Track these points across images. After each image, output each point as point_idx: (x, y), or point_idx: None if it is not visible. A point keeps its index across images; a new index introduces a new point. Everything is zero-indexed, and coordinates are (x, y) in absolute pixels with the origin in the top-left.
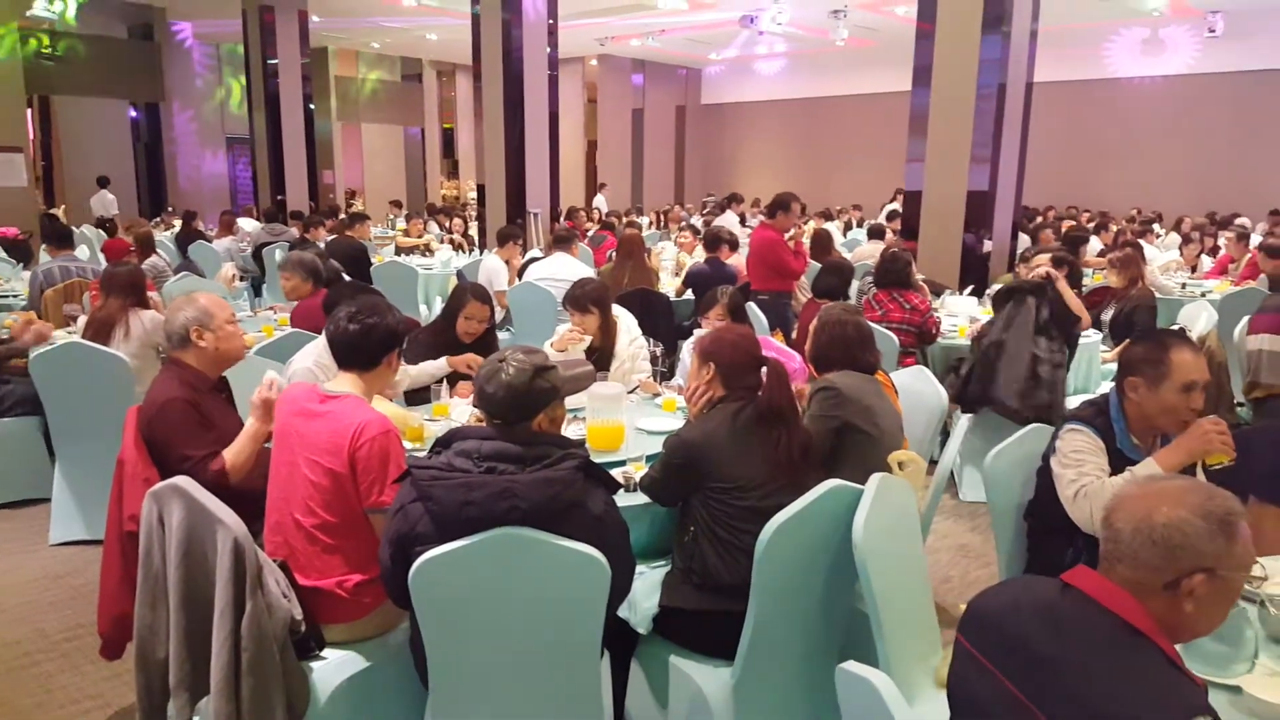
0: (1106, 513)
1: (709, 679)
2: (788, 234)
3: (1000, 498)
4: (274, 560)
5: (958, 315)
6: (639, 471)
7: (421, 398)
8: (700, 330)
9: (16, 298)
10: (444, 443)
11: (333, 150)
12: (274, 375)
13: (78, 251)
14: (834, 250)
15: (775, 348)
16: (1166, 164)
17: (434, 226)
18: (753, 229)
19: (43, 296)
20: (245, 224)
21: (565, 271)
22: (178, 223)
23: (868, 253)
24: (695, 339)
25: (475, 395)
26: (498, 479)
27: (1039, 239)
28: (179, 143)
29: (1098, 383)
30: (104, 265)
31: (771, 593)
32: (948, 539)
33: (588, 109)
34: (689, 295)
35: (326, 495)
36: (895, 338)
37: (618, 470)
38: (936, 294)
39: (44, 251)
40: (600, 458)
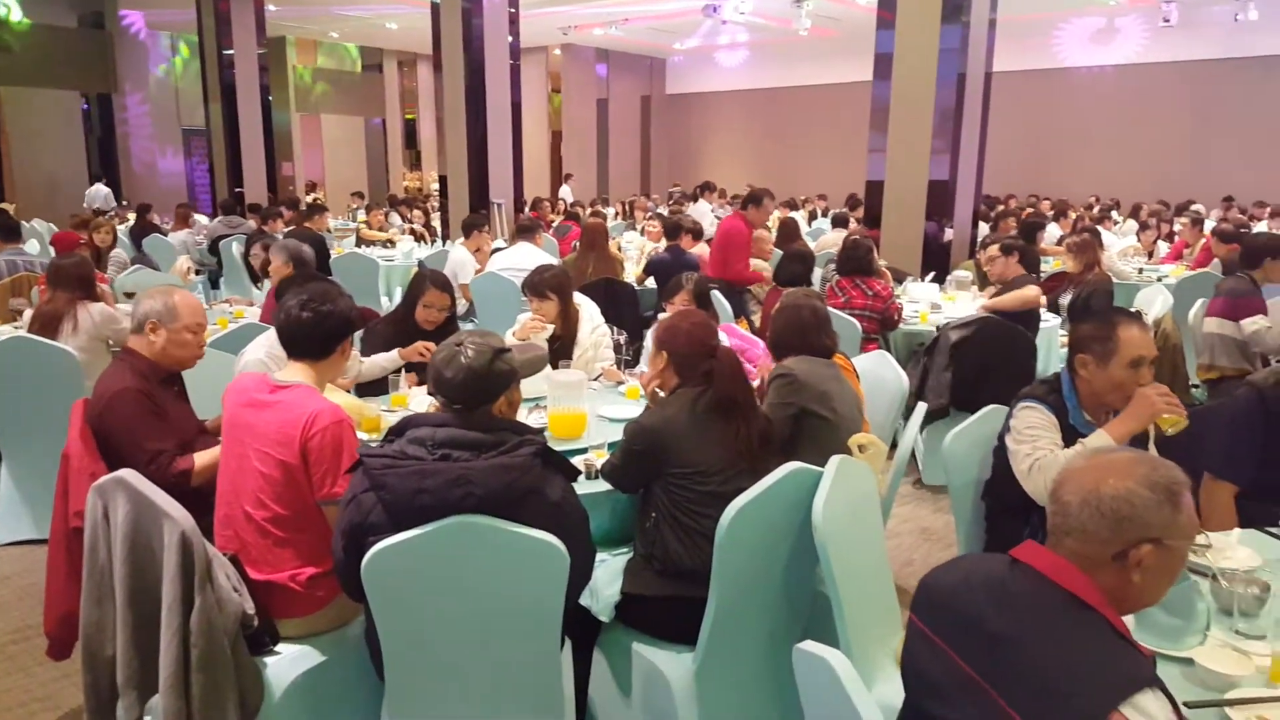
0: (1054, 487)
1: (672, 665)
2: (756, 233)
3: (959, 478)
4: (224, 554)
5: (919, 301)
6: (601, 459)
7: (378, 389)
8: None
9: None
10: (397, 431)
11: (292, 142)
12: None
13: (27, 246)
14: (800, 239)
15: (740, 335)
16: (1123, 152)
17: (395, 218)
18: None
19: None
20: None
21: (528, 261)
22: (132, 216)
23: (831, 241)
24: (655, 326)
25: (432, 382)
26: (452, 466)
27: (1000, 227)
28: (133, 135)
29: (1057, 365)
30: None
31: (733, 577)
32: (910, 522)
33: (552, 99)
34: (652, 284)
35: (277, 487)
36: (858, 324)
37: (579, 458)
38: (899, 281)
39: None
40: (562, 446)
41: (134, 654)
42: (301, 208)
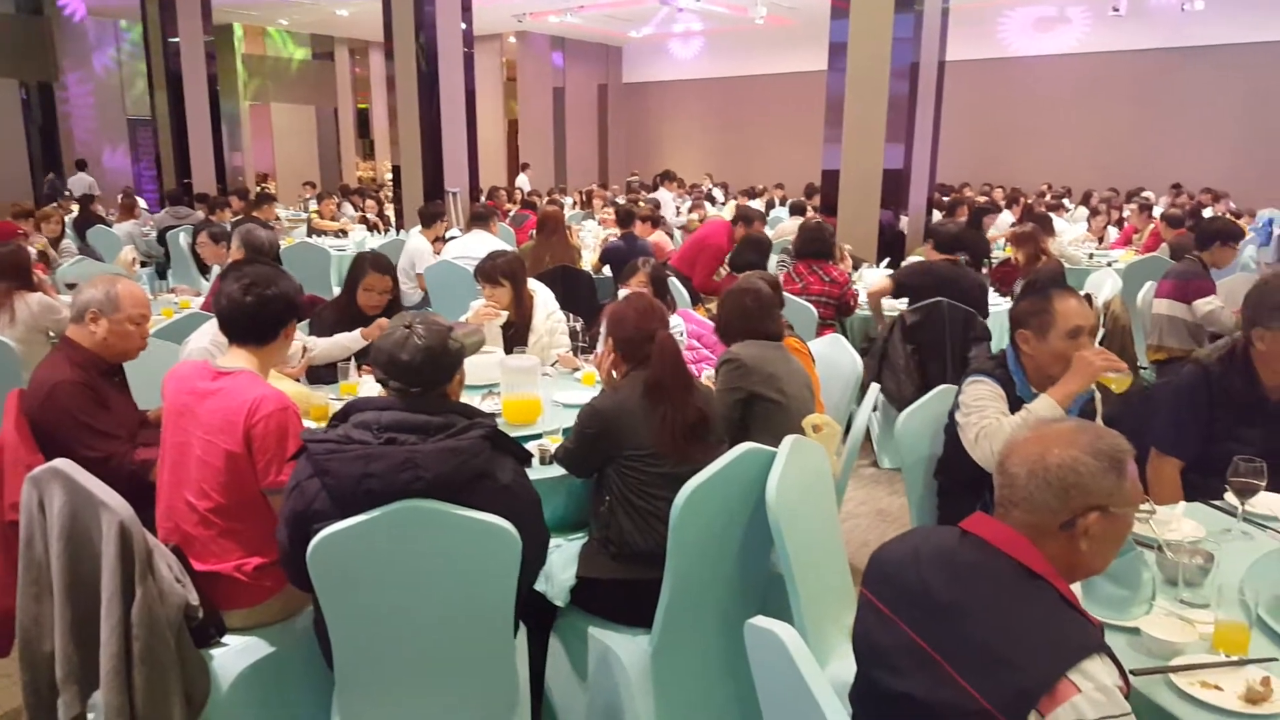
0: (1000, 459)
1: (627, 648)
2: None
3: (912, 458)
4: (166, 545)
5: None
6: (556, 444)
7: (327, 376)
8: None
9: None
10: (341, 416)
11: (241, 131)
12: None
13: None
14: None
15: (697, 320)
16: (1074, 140)
17: (348, 208)
18: (704, 216)
19: None
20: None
21: (482, 249)
22: (76, 207)
23: (789, 229)
24: (605, 309)
25: (384, 366)
26: (398, 450)
27: (956, 213)
28: (75, 124)
29: None
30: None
31: (687, 558)
32: (866, 505)
33: (507, 88)
34: (609, 273)
35: (221, 476)
36: (814, 310)
37: (534, 443)
38: (855, 267)
39: None
40: (516, 431)
41: (73, 649)
42: (251, 198)
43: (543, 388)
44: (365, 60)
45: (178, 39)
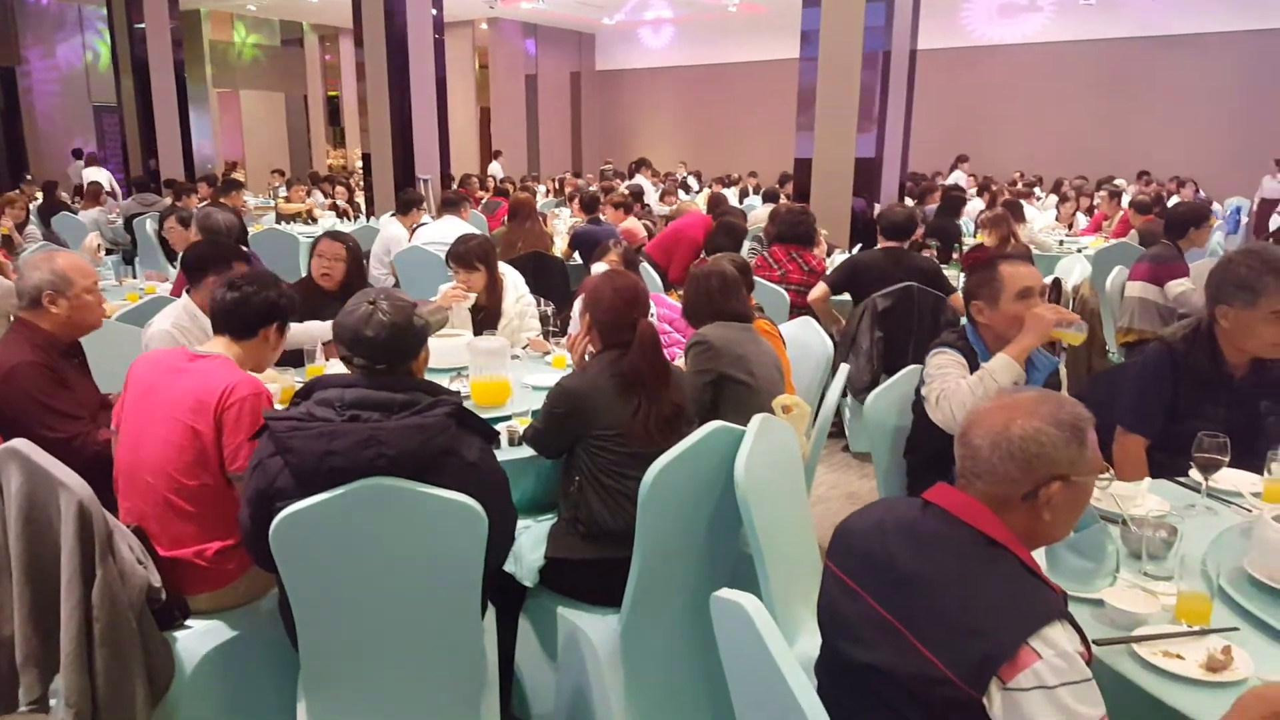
0: (962, 430)
1: (596, 627)
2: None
3: (880, 437)
4: (127, 526)
5: None
6: (525, 426)
7: (294, 359)
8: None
9: None
10: (303, 394)
11: (209, 118)
12: None
13: None
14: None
15: (669, 305)
16: (1045, 129)
17: (318, 195)
18: (676, 205)
19: None
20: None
21: (453, 235)
22: (40, 194)
23: (761, 216)
24: (582, 285)
25: (349, 343)
26: (361, 427)
27: (926, 200)
28: (38, 109)
29: None
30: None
31: (656, 537)
32: (837, 488)
33: (479, 75)
34: (579, 260)
35: (185, 456)
36: (786, 295)
37: (503, 425)
38: (828, 253)
39: None
40: (485, 414)
41: (32, 632)
42: (218, 185)
43: (512, 370)
44: (335, 47)
45: (143, 24)
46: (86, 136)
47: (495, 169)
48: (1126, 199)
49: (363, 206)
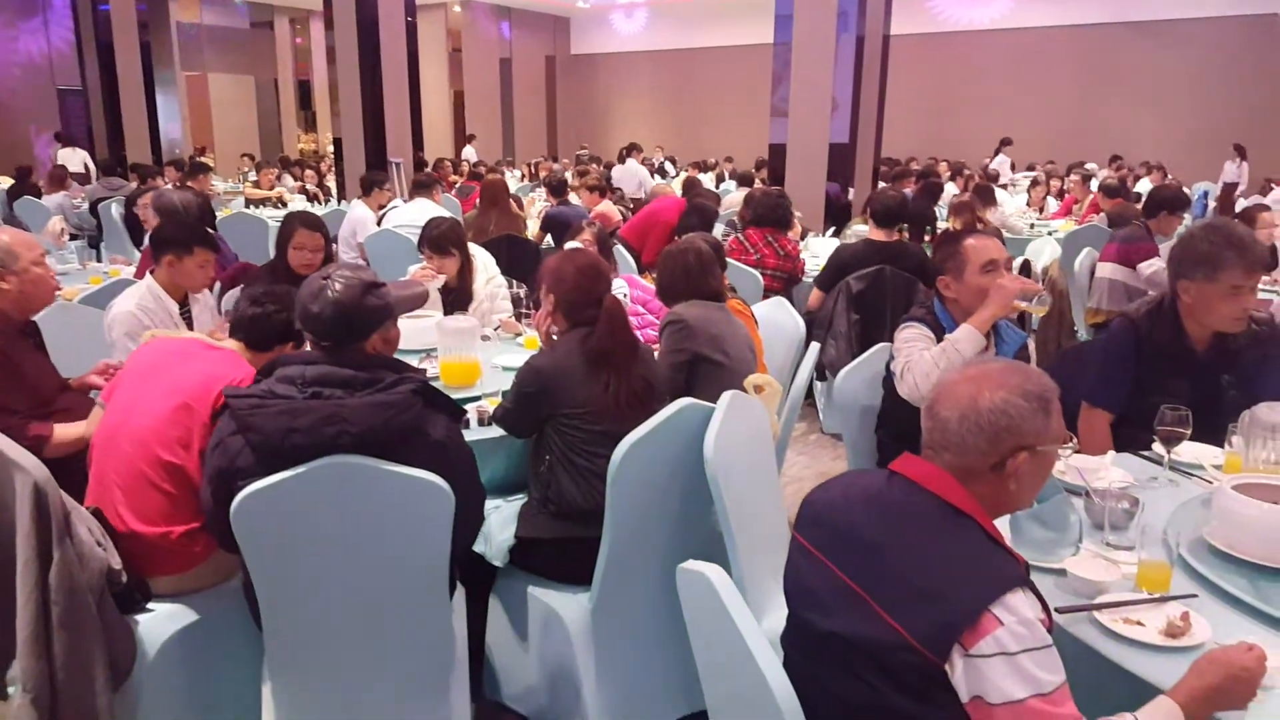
0: (930, 402)
1: (567, 606)
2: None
3: (851, 414)
4: (86, 508)
5: (820, 256)
6: (495, 406)
7: None
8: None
9: None
10: (265, 371)
11: (177, 102)
12: (110, 361)
13: None
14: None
15: (642, 286)
16: (1018, 114)
17: (288, 179)
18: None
19: None
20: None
21: (425, 218)
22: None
23: (736, 201)
24: (543, 265)
25: (299, 317)
26: (324, 404)
27: (901, 184)
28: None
29: None
30: None
31: (626, 515)
32: (810, 469)
33: (452, 58)
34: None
35: (173, 431)
36: (760, 278)
37: (472, 405)
38: (801, 236)
39: None
40: (455, 394)
41: None
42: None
43: (483, 351)
44: (306, 30)
45: (109, 5)
46: (51, 121)
47: (469, 153)
48: (1096, 183)
49: (334, 190)
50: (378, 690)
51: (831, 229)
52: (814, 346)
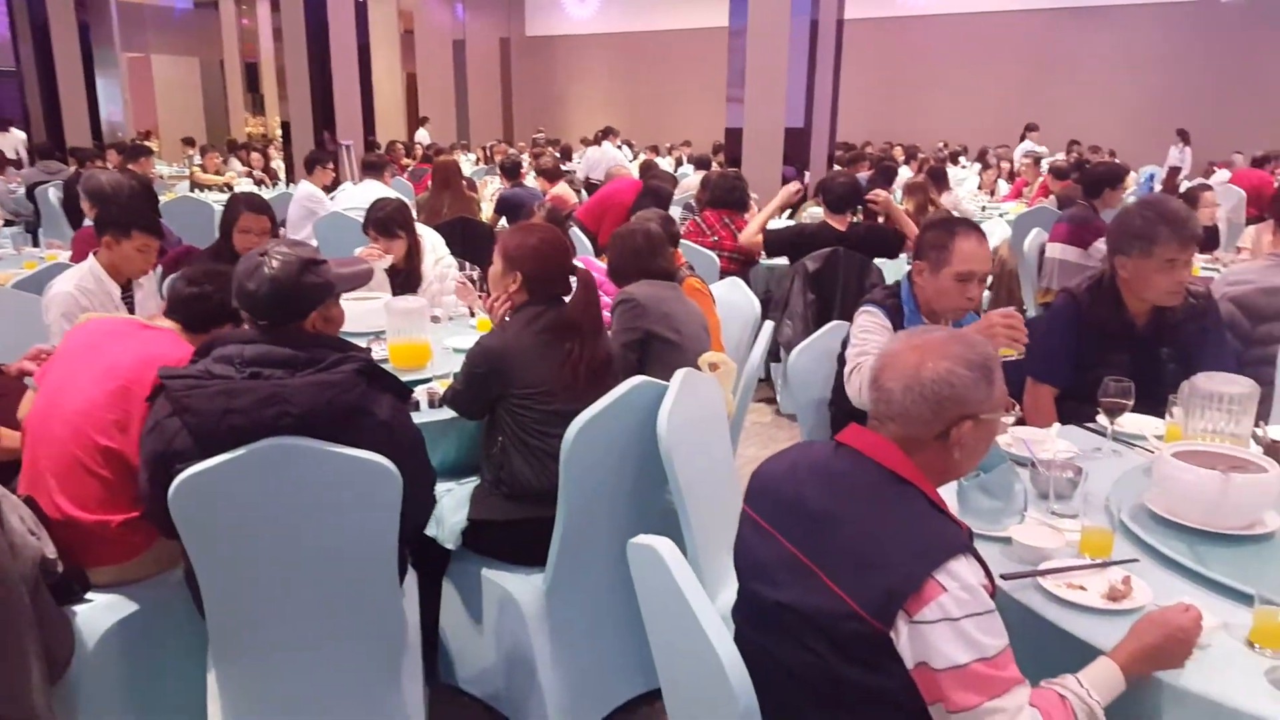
0: (875, 373)
1: (522, 587)
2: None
3: (804, 391)
4: (19, 496)
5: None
6: (445, 388)
7: None
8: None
9: None
10: (202, 351)
11: (119, 84)
12: (43, 346)
13: None
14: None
15: (597, 267)
16: (970, 98)
17: (235, 163)
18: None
19: None
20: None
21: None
22: None
23: (693, 184)
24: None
25: (236, 294)
26: (264, 384)
27: (855, 168)
28: None
29: None
30: None
31: (579, 494)
32: (767, 449)
33: (405, 40)
34: (504, 223)
35: (108, 415)
36: (716, 260)
37: (423, 387)
38: None
39: None
40: (405, 376)
41: None
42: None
43: (433, 333)
44: (252, 10)
45: None
46: None
47: (422, 135)
48: (1046, 165)
49: (281, 174)
50: (327, 678)
51: (787, 212)
52: (768, 325)
